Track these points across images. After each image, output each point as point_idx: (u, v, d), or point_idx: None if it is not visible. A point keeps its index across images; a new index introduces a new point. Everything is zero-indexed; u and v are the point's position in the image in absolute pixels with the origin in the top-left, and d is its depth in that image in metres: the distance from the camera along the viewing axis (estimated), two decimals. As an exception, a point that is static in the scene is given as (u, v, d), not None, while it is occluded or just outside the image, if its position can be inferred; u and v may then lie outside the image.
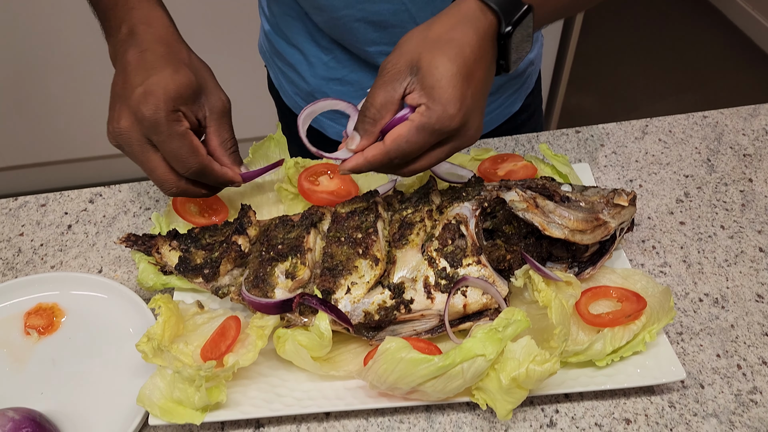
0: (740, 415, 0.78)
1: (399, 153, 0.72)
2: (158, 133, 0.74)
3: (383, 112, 0.72)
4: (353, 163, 0.74)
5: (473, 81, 0.71)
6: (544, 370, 0.70)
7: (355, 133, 0.75)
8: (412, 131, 0.70)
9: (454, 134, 0.72)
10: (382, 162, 0.73)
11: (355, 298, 0.78)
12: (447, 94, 0.69)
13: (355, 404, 0.76)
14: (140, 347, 0.75)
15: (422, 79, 0.70)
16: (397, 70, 0.71)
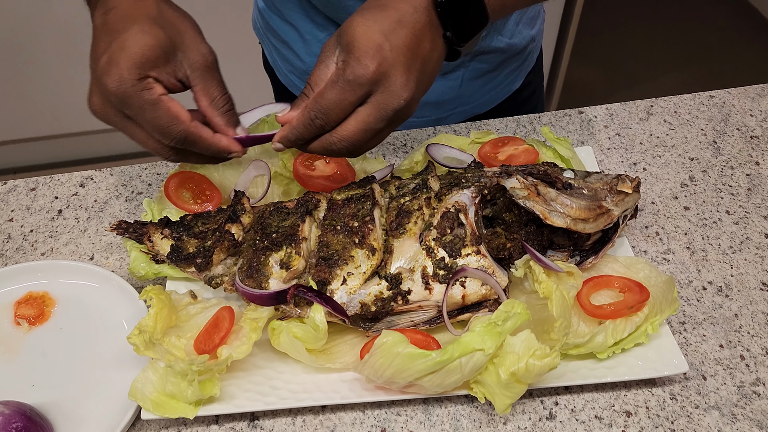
0: (743, 407, 0.77)
1: (318, 111, 0.70)
2: (128, 106, 0.68)
3: (316, 88, 0.71)
4: (280, 134, 0.73)
5: (394, 37, 0.68)
6: (543, 365, 0.68)
7: (287, 106, 0.74)
8: (327, 85, 0.69)
9: (374, 88, 0.69)
10: (305, 123, 0.71)
11: (351, 289, 0.77)
12: (361, 45, 0.67)
13: (351, 397, 0.74)
14: (132, 340, 0.73)
15: (342, 41, 0.69)
16: (328, 46, 0.71)
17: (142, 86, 0.67)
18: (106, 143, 2.74)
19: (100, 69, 0.67)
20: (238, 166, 0.95)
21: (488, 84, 1.16)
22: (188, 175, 0.91)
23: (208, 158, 0.76)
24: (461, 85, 1.13)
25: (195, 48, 0.71)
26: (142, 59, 0.67)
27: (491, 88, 1.17)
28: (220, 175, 0.94)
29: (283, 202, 0.86)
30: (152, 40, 0.68)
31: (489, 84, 1.16)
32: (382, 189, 0.86)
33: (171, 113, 0.69)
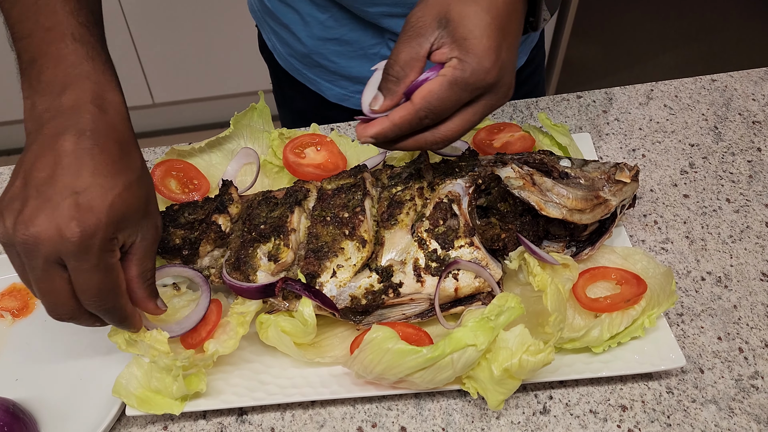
0: (740, 401, 0.75)
1: (429, 111, 0.64)
2: (81, 260, 0.58)
3: (407, 69, 0.65)
4: (378, 127, 0.66)
5: (507, 34, 0.64)
6: (537, 361, 0.67)
7: (378, 93, 0.68)
8: (444, 86, 0.63)
9: (488, 90, 0.65)
10: (411, 123, 0.65)
11: (341, 281, 0.75)
12: (482, 45, 0.62)
13: (341, 392, 0.73)
14: (113, 338, 0.72)
15: (453, 31, 0.64)
16: (424, 23, 0.65)
17: (109, 247, 0.59)
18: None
19: (67, 206, 0.57)
20: (226, 153, 0.92)
21: None
22: (175, 164, 0.89)
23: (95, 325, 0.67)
24: None
25: (153, 219, 0.66)
26: (121, 219, 0.60)
27: None
28: (208, 163, 0.92)
29: (272, 192, 0.84)
30: (135, 202, 0.61)
31: None
32: (373, 178, 0.83)
33: (117, 284, 0.62)
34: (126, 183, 0.60)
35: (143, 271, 0.65)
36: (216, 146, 0.92)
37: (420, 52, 0.65)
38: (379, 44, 1.03)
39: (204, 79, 2.58)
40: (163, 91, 2.64)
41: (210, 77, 2.57)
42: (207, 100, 2.69)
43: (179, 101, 2.69)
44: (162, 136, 2.78)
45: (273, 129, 0.92)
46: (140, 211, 0.62)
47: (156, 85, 2.61)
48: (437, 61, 0.65)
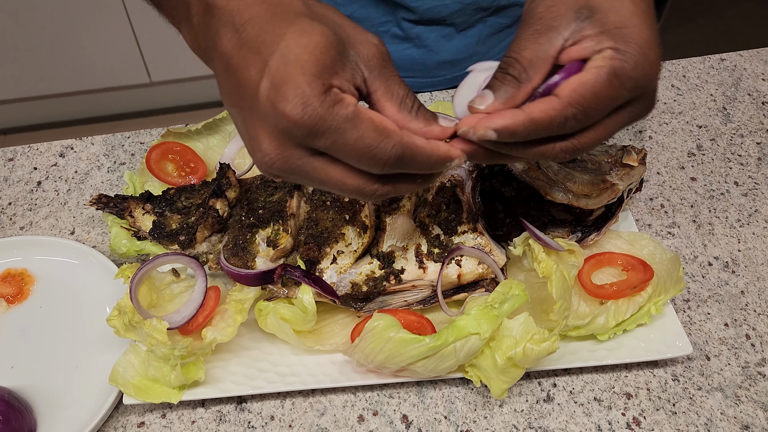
0: (747, 389, 0.74)
1: (581, 110, 0.51)
2: (321, 134, 0.47)
3: (531, 71, 0.53)
4: (507, 120, 0.51)
5: (654, 24, 0.54)
6: (542, 350, 0.65)
7: (487, 92, 0.54)
8: (601, 79, 0.51)
9: (644, 92, 0.54)
10: (553, 122, 0.51)
11: (342, 268, 0.73)
12: (643, 35, 0.52)
13: (341, 380, 0.72)
14: (111, 322, 0.70)
15: (602, 20, 0.53)
16: (556, 14, 0.54)
17: (330, 100, 0.47)
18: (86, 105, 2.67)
19: (264, 101, 0.47)
20: (224, 135, 0.90)
21: (505, 40, 1.10)
22: (171, 146, 0.87)
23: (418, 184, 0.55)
24: (478, 41, 1.07)
25: (364, 40, 0.52)
26: (319, 66, 0.47)
27: (508, 43, 1.11)
28: (205, 145, 0.90)
29: (271, 175, 0.82)
30: (320, 39, 0.48)
31: (506, 40, 1.10)
32: (374, 161, 0.81)
33: (377, 125, 0.49)
34: (297, 32, 0.47)
35: (400, 100, 0.52)
36: (213, 128, 0.90)
37: (550, 51, 0.54)
38: (390, 22, 1.00)
39: (202, 56, 2.54)
40: (160, 69, 2.60)
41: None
42: (206, 79, 2.66)
43: (177, 80, 2.65)
44: (160, 115, 2.75)
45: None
46: (336, 45, 0.49)
47: (153, 63, 2.57)
48: (575, 58, 0.53)
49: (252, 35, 0.48)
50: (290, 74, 0.46)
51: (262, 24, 0.48)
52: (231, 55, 0.48)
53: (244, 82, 0.48)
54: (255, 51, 0.48)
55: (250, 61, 0.48)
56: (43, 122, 2.71)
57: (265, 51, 0.47)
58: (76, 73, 2.53)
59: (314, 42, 0.47)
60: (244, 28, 0.48)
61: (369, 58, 0.51)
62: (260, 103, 0.47)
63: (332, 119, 0.47)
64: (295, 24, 0.48)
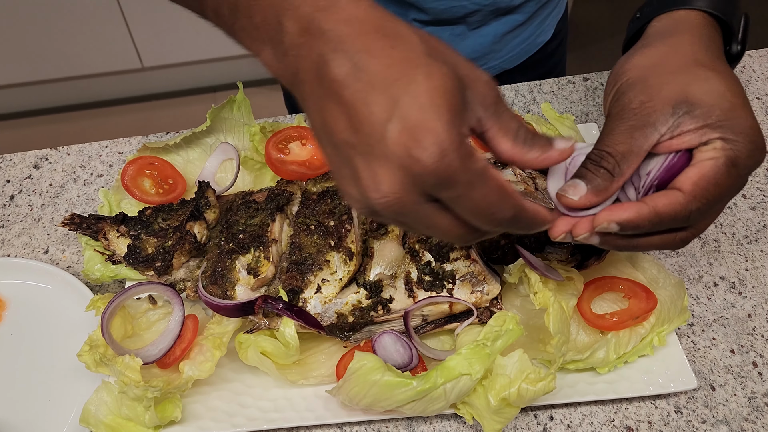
0: (753, 421, 0.70)
1: (705, 202, 0.54)
2: (449, 187, 0.46)
3: (624, 165, 0.55)
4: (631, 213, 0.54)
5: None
6: (537, 390, 0.62)
7: (579, 182, 0.56)
8: (720, 169, 0.54)
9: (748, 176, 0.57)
10: (677, 215, 0.54)
11: (327, 297, 0.69)
12: (749, 123, 0.55)
13: (326, 417, 0.68)
14: (82, 358, 0.67)
15: (705, 115, 0.55)
16: (652, 110, 0.56)
17: (466, 153, 0.45)
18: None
19: (395, 143, 0.44)
20: (204, 149, 0.86)
21: (519, 36, 1.05)
22: (148, 161, 0.82)
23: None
24: (493, 41, 1.03)
25: (478, 78, 0.49)
26: (452, 113, 0.45)
27: (522, 40, 1.07)
28: (185, 159, 0.85)
29: (253, 194, 0.78)
30: (449, 83, 0.45)
31: (520, 36, 1.05)
32: (362, 180, 0.77)
33: (500, 185, 0.48)
34: (425, 73, 0.45)
35: (514, 135, 0.51)
36: (193, 141, 0.85)
37: (644, 146, 0.56)
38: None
39: (195, 41, 2.48)
40: (152, 54, 2.54)
41: (201, 39, 2.47)
42: (199, 63, 2.59)
43: (169, 65, 2.59)
44: (153, 101, 2.70)
45: (254, 122, 0.85)
46: (460, 88, 0.47)
47: (144, 48, 2.51)
48: (674, 149, 0.56)
49: (374, 69, 0.45)
50: (426, 120, 0.44)
51: (384, 58, 0.45)
52: (345, 85, 0.45)
53: (364, 118, 0.45)
54: (380, 88, 0.44)
55: (374, 98, 0.44)
56: (31, 109, 2.65)
57: (392, 90, 0.44)
58: (66, 59, 2.47)
59: (445, 86, 0.45)
60: (361, 59, 0.45)
61: (484, 97, 0.49)
62: (387, 144, 0.44)
63: (465, 173, 0.45)
64: (423, 65, 0.45)
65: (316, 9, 0.47)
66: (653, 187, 0.57)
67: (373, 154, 0.45)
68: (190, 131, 0.85)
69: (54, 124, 2.63)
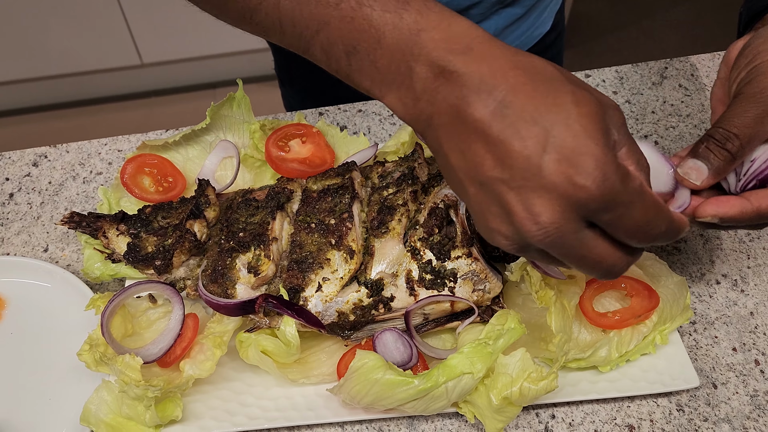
0: (755, 419, 0.70)
1: None
2: (611, 210, 0.47)
3: (746, 149, 0.57)
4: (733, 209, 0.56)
5: None
6: (539, 389, 0.62)
7: (701, 165, 0.57)
8: None
9: None
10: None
11: (327, 296, 0.69)
12: None
13: (327, 416, 0.68)
14: (82, 357, 0.66)
15: None
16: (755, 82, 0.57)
17: (624, 172, 0.46)
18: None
19: (554, 173, 0.45)
20: (203, 146, 0.85)
21: (518, 30, 1.04)
22: (148, 159, 0.82)
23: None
24: (493, 33, 1.02)
25: (610, 104, 0.50)
26: (606, 136, 0.46)
27: (521, 33, 1.06)
28: (184, 157, 0.84)
29: (253, 192, 0.78)
30: (596, 108, 0.47)
31: (518, 30, 1.05)
32: (362, 177, 0.76)
33: (655, 200, 0.49)
34: (573, 100, 0.46)
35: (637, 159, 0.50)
36: (192, 139, 0.85)
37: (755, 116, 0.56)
38: None
39: (194, 37, 2.47)
40: (151, 50, 2.53)
41: (201, 35, 2.46)
42: (198, 60, 2.58)
43: (169, 61, 2.58)
44: (152, 97, 2.69)
45: (254, 120, 0.84)
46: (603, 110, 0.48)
47: (144, 44, 2.50)
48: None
49: (520, 104, 0.46)
50: (584, 146, 0.45)
51: (529, 92, 0.46)
52: (492, 124, 0.46)
53: (517, 152, 0.45)
54: (529, 121, 0.45)
55: (526, 132, 0.45)
56: (29, 105, 2.64)
57: (543, 121, 0.45)
58: (64, 55, 2.46)
59: (594, 111, 0.46)
60: (506, 96, 0.46)
61: (617, 120, 0.49)
62: (545, 175, 0.45)
63: (626, 193, 0.46)
64: (567, 93, 0.46)
65: (449, 53, 0.47)
66: (757, 178, 0.58)
67: (528, 187, 0.46)
68: (189, 129, 0.84)
69: (52, 121, 2.62)
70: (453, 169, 0.50)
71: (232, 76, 2.65)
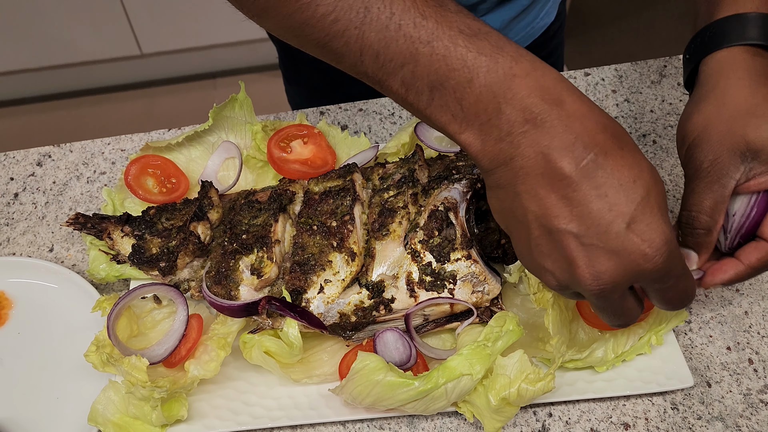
0: (748, 418, 0.72)
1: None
2: (667, 279, 0.52)
3: (716, 216, 0.62)
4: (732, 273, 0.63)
5: None
6: (537, 390, 0.63)
7: (688, 252, 0.64)
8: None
9: None
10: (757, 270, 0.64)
11: (329, 298, 0.70)
12: None
13: (329, 416, 0.69)
14: (89, 358, 0.68)
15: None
16: (721, 164, 0.61)
17: (678, 249, 0.52)
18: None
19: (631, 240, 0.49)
20: (206, 147, 0.86)
21: (523, 21, 1.05)
22: (151, 160, 0.83)
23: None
24: (500, 26, 1.02)
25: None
26: (667, 212, 0.51)
27: (526, 25, 1.06)
28: (187, 157, 0.85)
29: (255, 193, 0.79)
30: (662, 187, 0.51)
31: (524, 21, 1.05)
32: (363, 179, 0.77)
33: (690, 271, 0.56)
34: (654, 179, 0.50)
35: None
36: (195, 140, 0.86)
37: (725, 194, 0.62)
38: None
39: (195, 27, 2.46)
40: (151, 40, 2.53)
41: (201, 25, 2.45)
42: (198, 50, 2.58)
43: (169, 51, 2.58)
44: (152, 87, 2.69)
45: (255, 121, 0.85)
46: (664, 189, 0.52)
47: (143, 34, 2.50)
48: (753, 190, 0.62)
49: (609, 170, 0.49)
50: (658, 223, 0.49)
51: (618, 159, 0.49)
52: (578, 181, 0.49)
53: (596, 215, 0.49)
54: (617, 188, 0.49)
55: (612, 198, 0.49)
56: (28, 96, 2.64)
57: (628, 192, 0.49)
58: (63, 45, 2.46)
59: (663, 191, 0.51)
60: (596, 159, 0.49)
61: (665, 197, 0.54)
62: (619, 242, 0.49)
63: (679, 267, 0.52)
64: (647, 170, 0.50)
65: (542, 101, 0.49)
66: (742, 229, 0.64)
67: (599, 247, 0.49)
68: (192, 130, 0.85)
69: (51, 111, 2.62)
70: (522, 209, 0.52)
71: (232, 67, 2.65)
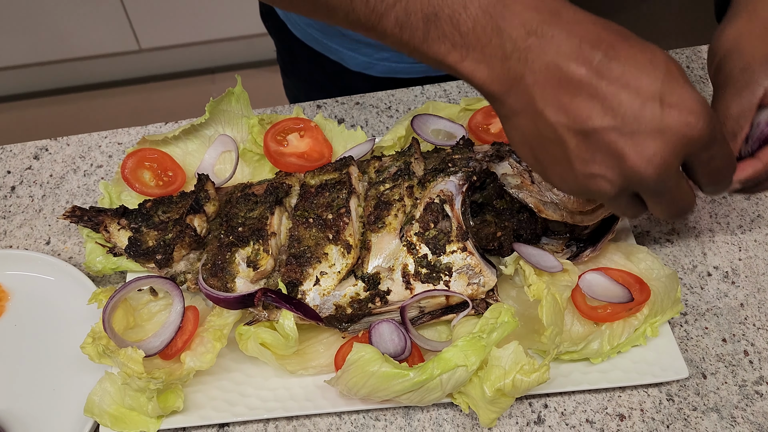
0: (743, 409, 0.72)
1: None
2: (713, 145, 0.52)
3: (742, 122, 0.65)
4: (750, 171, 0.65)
5: None
6: (532, 381, 0.63)
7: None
8: None
9: None
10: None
11: (325, 290, 0.70)
12: None
13: (325, 407, 0.70)
14: (86, 349, 0.68)
15: None
16: (752, 72, 0.64)
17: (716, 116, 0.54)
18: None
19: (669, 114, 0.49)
20: (203, 140, 0.86)
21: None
22: (148, 153, 0.83)
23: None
24: None
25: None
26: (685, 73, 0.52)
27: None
28: (184, 151, 0.85)
29: (252, 186, 0.79)
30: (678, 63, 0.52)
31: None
32: (360, 172, 0.77)
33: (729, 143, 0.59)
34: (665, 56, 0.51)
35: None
36: (192, 133, 0.86)
37: (753, 101, 0.64)
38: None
39: (193, 22, 2.46)
40: (149, 35, 2.52)
41: (199, 20, 2.45)
42: (197, 45, 2.58)
43: (167, 46, 2.58)
44: (150, 83, 2.68)
45: (252, 114, 0.85)
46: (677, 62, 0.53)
47: (142, 29, 2.49)
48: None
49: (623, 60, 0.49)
50: (689, 92, 0.49)
51: (627, 50, 0.50)
52: (596, 79, 0.49)
53: (627, 101, 0.49)
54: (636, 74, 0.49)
55: (635, 83, 0.49)
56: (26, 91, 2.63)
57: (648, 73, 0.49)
58: (61, 40, 2.45)
59: (680, 67, 0.51)
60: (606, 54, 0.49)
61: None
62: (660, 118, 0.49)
63: (720, 131, 0.52)
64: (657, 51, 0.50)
65: (539, 13, 0.50)
66: (760, 139, 0.65)
67: (641, 131, 0.49)
68: (188, 123, 0.85)
69: (49, 106, 2.62)
70: (549, 126, 0.51)
71: (230, 62, 2.65)
